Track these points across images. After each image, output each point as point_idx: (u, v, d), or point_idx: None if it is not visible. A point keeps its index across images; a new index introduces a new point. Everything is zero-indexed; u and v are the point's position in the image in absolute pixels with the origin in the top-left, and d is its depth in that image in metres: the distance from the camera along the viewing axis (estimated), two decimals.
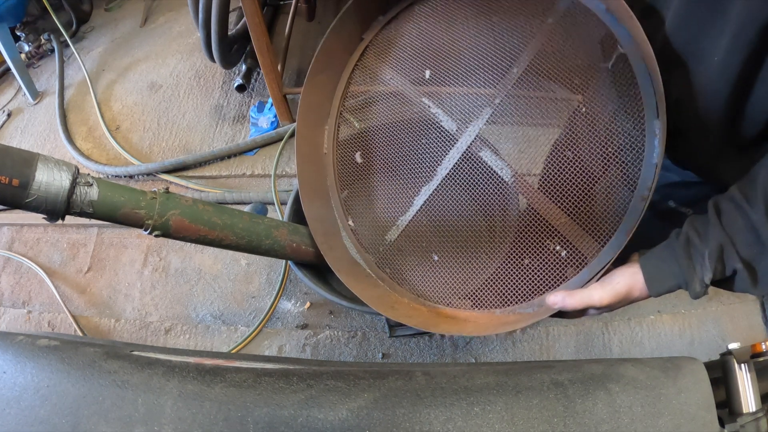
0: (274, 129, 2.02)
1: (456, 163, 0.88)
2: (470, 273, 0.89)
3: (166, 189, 0.82)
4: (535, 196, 0.81)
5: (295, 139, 0.98)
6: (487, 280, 0.86)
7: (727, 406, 0.57)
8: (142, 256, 1.87)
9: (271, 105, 2.02)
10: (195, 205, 0.84)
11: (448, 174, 0.89)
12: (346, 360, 1.54)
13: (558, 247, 0.78)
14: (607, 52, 0.72)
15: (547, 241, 0.79)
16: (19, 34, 2.64)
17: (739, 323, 1.48)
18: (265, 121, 2.06)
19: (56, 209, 0.71)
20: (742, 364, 0.57)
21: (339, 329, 1.59)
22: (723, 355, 0.59)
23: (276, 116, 2.03)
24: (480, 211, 0.89)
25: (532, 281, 0.81)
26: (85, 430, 0.58)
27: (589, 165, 0.75)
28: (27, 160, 0.68)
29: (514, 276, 0.83)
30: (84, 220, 1.20)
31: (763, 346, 0.57)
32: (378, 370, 0.60)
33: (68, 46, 2.64)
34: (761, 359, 0.57)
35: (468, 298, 0.88)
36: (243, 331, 1.64)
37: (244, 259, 1.79)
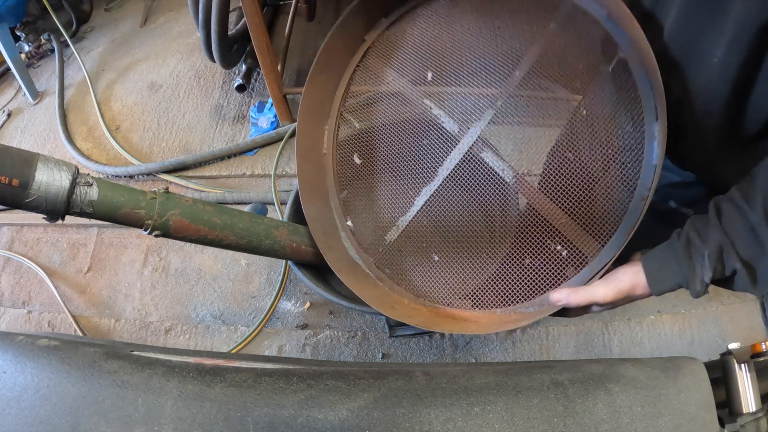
0: (274, 129, 2.02)
1: (457, 164, 0.88)
2: (471, 273, 0.89)
3: (166, 189, 0.82)
4: (536, 196, 0.81)
5: (296, 138, 0.98)
6: (487, 280, 0.86)
7: (727, 406, 0.57)
8: (142, 256, 1.87)
9: (271, 105, 2.02)
10: (195, 205, 0.84)
11: (449, 175, 0.89)
12: (346, 360, 1.54)
13: (559, 246, 0.79)
14: (608, 56, 0.73)
15: (547, 241, 0.80)
16: (19, 34, 2.63)
17: (739, 323, 1.48)
18: (265, 121, 2.06)
19: (56, 209, 0.71)
20: (742, 364, 0.57)
21: (339, 329, 1.59)
22: (723, 355, 0.59)
23: (276, 116, 2.03)
24: (481, 212, 0.89)
25: (533, 281, 0.81)
26: (85, 430, 0.57)
27: (590, 166, 0.76)
28: (27, 160, 0.68)
29: (515, 276, 0.83)
30: (84, 220, 1.20)
31: (763, 346, 0.57)
32: (378, 370, 0.60)
33: (68, 46, 2.64)
34: (761, 359, 0.58)
35: (468, 298, 0.88)
36: (243, 331, 1.64)
37: (244, 259, 1.79)
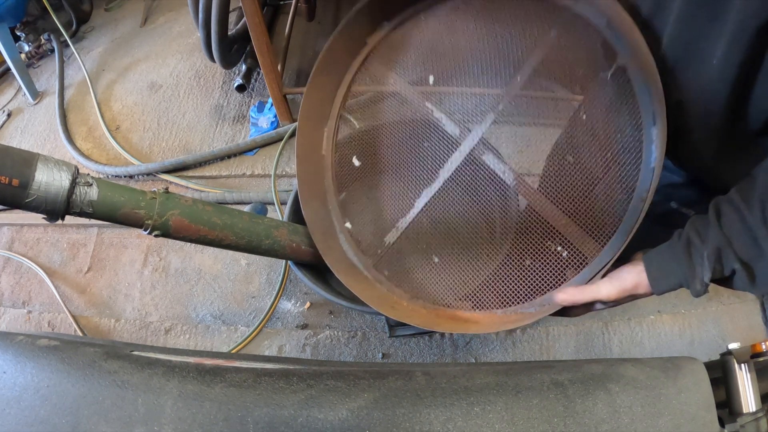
0: (274, 129, 2.02)
1: (458, 167, 0.89)
2: (471, 274, 0.89)
3: (166, 189, 0.82)
4: (536, 198, 0.82)
5: (296, 139, 0.98)
6: (488, 281, 0.87)
7: (727, 406, 0.57)
8: (142, 256, 1.87)
9: (271, 105, 2.02)
10: (195, 205, 0.84)
11: (450, 177, 0.90)
12: (346, 360, 1.54)
13: (559, 247, 0.80)
14: (607, 63, 0.74)
15: (548, 242, 0.81)
16: (19, 34, 2.63)
17: (739, 323, 1.48)
18: (265, 121, 2.06)
19: (56, 209, 0.71)
20: (742, 364, 0.57)
21: (339, 329, 1.59)
22: (723, 355, 0.59)
23: (276, 116, 2.03)
24: (481, 213, 0.90)
25: (534, 281, 0.81)
26: (85, 430, 0.58)
27: (589, 169, 0.77)
28: (27, 160, 0.68)
29: (516, 276, 0.83)
30: (84, 220, 1.20)
31: (763, 346, 0.57)
32: (378, 370, 0.60)
33: (68, 46, 2.64)
34: (761, 359, 0.58)
35: (469, 299, 0.88)
36: (243, 331, 1.64)
37: (244, 259, 1.79)
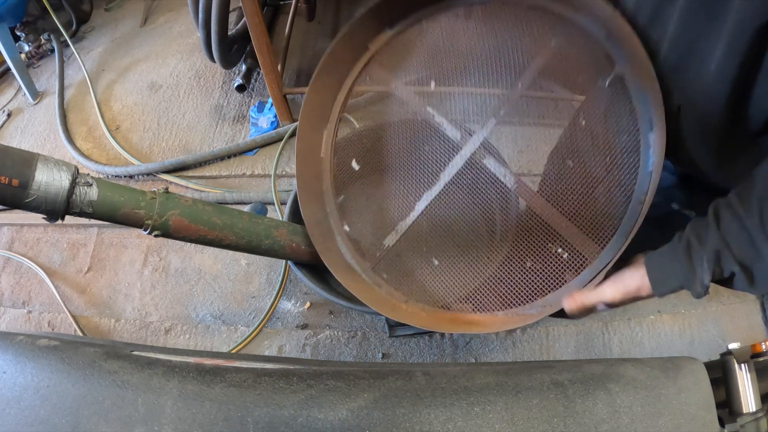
0: (274, 129, 2.02)
1: (459, 170, 0.90)
2: (472, 277, 0.89)
3: (166, 189, 0.82)
4: (536, 201, 0.83)
5: (296, 140, 0.98)
6: (489, 283, 0.87)
7: (727, 406, 0.57)
8: (142, 256, 1.87)
9: (271, 105, 2.02)
10: (195, 205, 0.84)
11: (451, 180, 0.90)
12: (346, 360, 1.54)
13: (560, 249, 0.81)
14: (605, 71, 0.77)
15: (548, 243, 0.82)
16: (19, 34, 2.63)
17: (739, 323, 1.48)
18: (265, 121, 2.06)
19: (56, 209, 0.71)
20: (742, 364, 0.57)
21: (339, 329, 1.59)
22: (723, 355, 0.59)
23: (276, 116, 2.03)
24: (482, 216, 0.91)
25: (535, 283, 0.82)
26: (85, 430, 0.58)
27: (589, 172, 0.79)
28: (27, 160, 0.68)
29: (517, 278, 0.84)
30: (84, 220, 1.20)
31: (763, 346, 0.57)
32: (378, 370, 0.60)
33: (68, 46, 2.64)
34: (761, 359, 0.58)
35: (469, 301, 0.88)
36: (243, 331, 1.64)
37: (244, 259, 1.79)
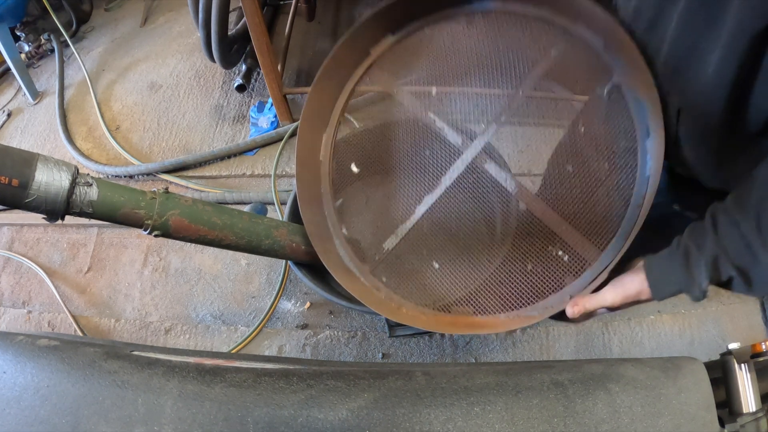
0: (274, 129, 2.02)
1: (460, 174, 0.91)
2: (473, 279, 0.89)
3: (166, 189, 0.82)
4: (537, 204, 0.85)
5: (296, 143, 0.98)
6: (490, 286, 0.87)
7: (727, 406, 0.57)
8: (142, 256, 1.87)
9: (271, 105, 2.02)
10: (195, 205, 0.84)
11: (452, 184, 0.91)
12: (346, 360, 1.54)
13: (560, 252, 0.82)
14: (604, 80, 0.80)
15: (549, 246, 0.83)
16: (19, 34, 2.63)
17: (739, 323, 1.48)
18: (265, 121, 2.06)
19: (56, 209, 0.71)
20: (742, 364, 0.57)
21: (339, 329, 1.59)
22: (723, 355, 0.59)
23: (276, 116, 2.03)
24: (483, 219, 0.91)
25: (536, 285, 0.83)
26: (85, 430, 0.58)
27: (588, 177, 0.81)
28: (27, 160, 0.68)
29: (518, 281, 0.85)
30: (84, 220, 1.20)
31: (763, 346, 0.57)
32: (378, 370, 0.60)
33: (68, 46, 2.64)
34: (761, 359, 0.58)
35: (470, 304, 0.88)
36: (243, 331, 1.64)
37: (244, 259, 1.79)
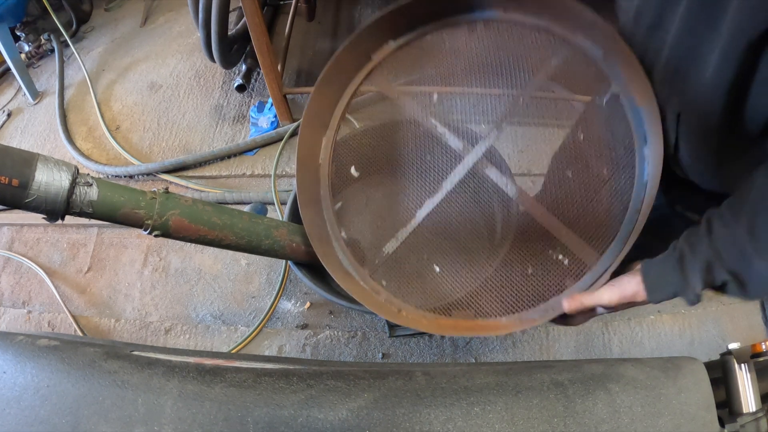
0: (274, 129, 2.02)
1: (461, 179, 0.91)
2: (474, 283, 0.89)
3: (166, 189, 0.82)
4: (537, 209, 0.85)
5: (297, 146, 0.98)
6: (491, 290, 0.88)
7: (727, 406, 0.57)
8: (142, 256, 1.87)
9: (271, 105, 2.02)
10: (195, 205, 0.84)
11: (453, 188, 0.91)
12: (346, 360, 1.54)
13: (560, 256, 0.83)
14: (602, 89, 0.81)
15: (549, 250, 0.84)
16: (19, 34, 2.63)
17: (739, 323, 1.48)
18: (265, 121, 2.06)
19: (56, 209, 0.71)
20: (742, 364, 0.57)
21: (339, 329, 1.59)
22: (723, 355, 0.59)
23: (276, 116, 2.03)
24: (484, 223, 0.92)
25: (536, 288, 0.83)
26: (85, 430, 0.58)
27: (588, 183, 0.83)
28: (27, 160, 0.68)
29: (519, 284, 0.85)
30: (84, 220, 1.20)
31: (763, 346, 0.57)
32: (378, 370, 0.60)
33: (68, 46, 2.64)
34: (761, 359, 0.58)
35: (471, 307, 0.88)
36: (243, 331, 1.64)
37: (244, 259, 1.79)
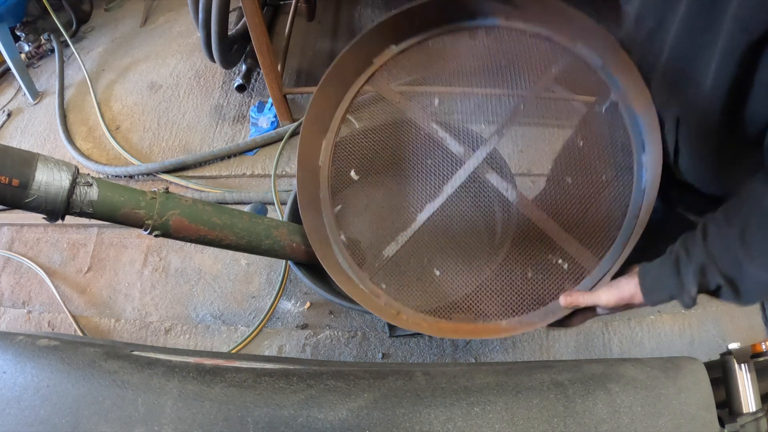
0: (274, 129, 2.02)
1: (462, 183, 0.91)
2: (474, 287, 0.90)
3: (166, 189, 0.82)
4: (537, 214, 0.86)
5: (297, 147, 0.98)
6: (491, 293, 0.88)
7: (727, 406, 0.57)
8: (142, 256, 1.87)
9: (271, 105, 2.02)
10: (195, 205, 0.84)
11: (454, 192, 0.92)
12: (346, 360, 1.54)
13: (560, 260, 0.83)
14: (602, 97, 0.83)
15: (549, 255, 0.85)
16: (19, 34, 2.63)
17: (739, 323, 1.48)
18: (265, 121, 2.06)
19: (56, 209, 0.71)
20: (742, 364, 0.57)
21: (339, 329, 1.59)
22: (723, 355, 0.60)
23: (276, 116, 2.03)
24: (484, 227, 0.92)
25: (536, 292, 0.84)
26: (85, 430, 0.58)
27: (587, 189, 0.84)
28: (27, 160, 0.68)
29: (519, 288, 0.85)
30: (84, 220, 1.20)
31: (763, 346, 0.57)
32: (378, 370, 0.60)
33: (68, 46, 2.64)
34: (761, 359, 0.58)
35: (471, 311, 0.88)
36: (243, 331, 1.64)
37: (244, 259, 1.79)
